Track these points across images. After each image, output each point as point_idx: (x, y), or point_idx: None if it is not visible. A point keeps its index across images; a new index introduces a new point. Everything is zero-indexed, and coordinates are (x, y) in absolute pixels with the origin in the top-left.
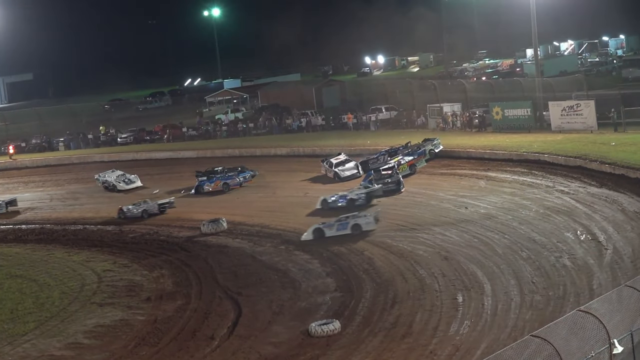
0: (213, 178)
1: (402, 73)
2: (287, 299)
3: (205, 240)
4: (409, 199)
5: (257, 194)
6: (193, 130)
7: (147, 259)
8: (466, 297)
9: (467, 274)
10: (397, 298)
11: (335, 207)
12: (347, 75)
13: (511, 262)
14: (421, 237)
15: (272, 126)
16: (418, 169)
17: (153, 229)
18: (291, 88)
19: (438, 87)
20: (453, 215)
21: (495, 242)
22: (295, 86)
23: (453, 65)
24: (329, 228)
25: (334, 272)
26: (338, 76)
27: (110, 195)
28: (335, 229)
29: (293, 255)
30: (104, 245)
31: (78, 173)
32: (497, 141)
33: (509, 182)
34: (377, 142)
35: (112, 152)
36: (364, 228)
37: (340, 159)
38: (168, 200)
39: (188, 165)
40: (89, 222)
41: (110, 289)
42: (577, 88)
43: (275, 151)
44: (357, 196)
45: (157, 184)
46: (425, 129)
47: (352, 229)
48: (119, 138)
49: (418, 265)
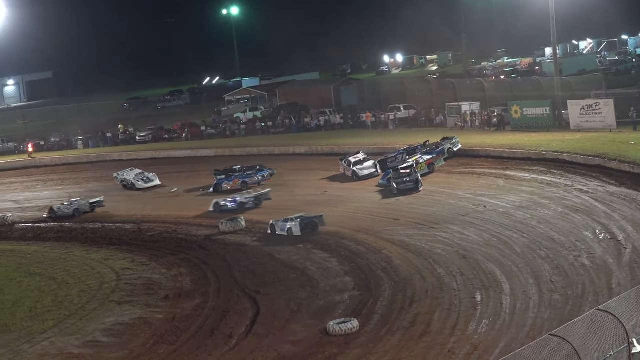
0: (232, 177)
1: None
2: (305, 297)
3: (223, 238)
4: (428, 198)
5: (276, 192)
6: (212, 129)
7: (165, 257)
8: (485, 296)
9: (485, 273)
10: (415, 297)
11: (226, 209)
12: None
13: (530, 261)
14: (439, 235)
15: (291, 125)
16: (436, 167)
17: (171, 227)
18: (309, 87)
19: (457, 86)
20: (472, 214)
21: (514, 241)
22: (313, 85)
23: (472, 64)
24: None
25: (352, 270)
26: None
27: (129, 193)
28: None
29: (311, 254)
30: (123, 244)
31: (97, 171)
32: (515, 140)
33: (527, 181)
34: (395, 141)
35: (131, 150)
36: (294, 233)
37: (359, 157)
38: (98, 200)
39: (206, 164)
40: (107, 220)
41: (129, 287)
42: (596, 87)
43: (294, 150)
44: (247, 199)
45: (175, 183)
46: (443, 128)
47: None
48: (138, 136)
49: (436, 264)
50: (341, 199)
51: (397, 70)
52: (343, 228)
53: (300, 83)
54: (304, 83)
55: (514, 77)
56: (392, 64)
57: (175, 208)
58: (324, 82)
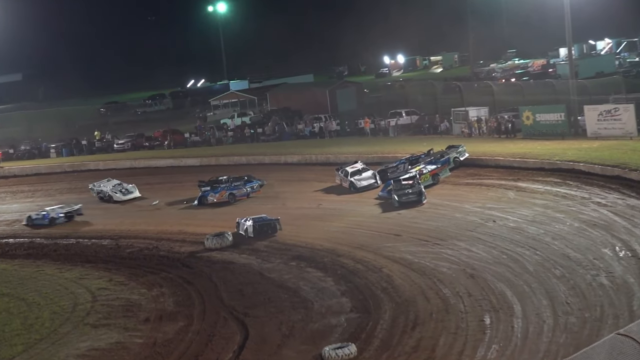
0: (218, 188)
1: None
2: (298, 320)
3: (209, 255)
4: (432, 212)
5: (266, 205)
6: (196, 136)
7: (145, 276)
8: (494, 318)
9: (495, 294)
10: (418, 319)
11: (39, 224)
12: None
13: (543, 281)
14: (445, 252)
15: (282, 131)
16: (441, 178)
17: (152, 244)
18: (303, 90)
19: (463, 90)
20: (480, 229)
21: (526, 258)
22: (307, 88)
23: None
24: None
25: (349, 290)
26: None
27: (106, 206)
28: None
29: (305, 273)
30: (99, 261)
31: (71, 182)
32: (527, 148)
33: (540, 193)
34: (396, 150)
35: (108, 159)
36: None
37: (357, 167)
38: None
39: (190, 174)
40: (82, 235)
41: (106, 309)
42: (615, 91)
43: (286, 159)
44: (58, 215)
45: (156, 194)
46: (449, 135)
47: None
48: (116, 144)
49: (441, 283)
50: (337, 213)
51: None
52: (339, 244)
53: (293, 86)
54: (297, 86)
55: (526, 79)
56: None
57: (157, 222)
58: (319, 86)
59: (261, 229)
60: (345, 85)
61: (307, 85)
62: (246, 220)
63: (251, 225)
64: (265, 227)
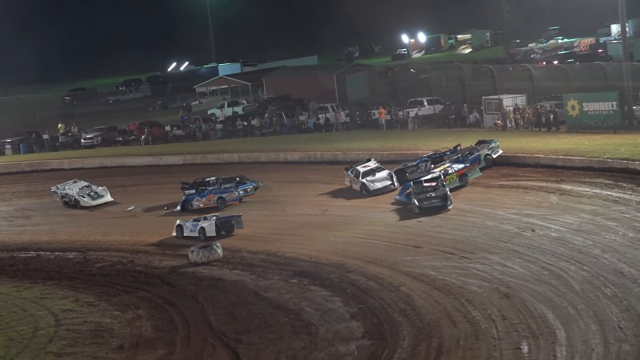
0: (204, 191)
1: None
2: (300, 348)
3: (194, 271)
4: (459, 219)
5: (262, 211)
6: (179, 129)
7: (119, 295)
8: (533, 346)
9: (534, 317)
10: (443, 347)
11: None
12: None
13: (592, 302)
14: (474, 268)
15: (282, 124)
16: (470, 180)
17: (127, 257)
18: (306, 75)
19: (496, 74)
20: (516, 240)
21: (571, 275)
22: (310, 72)
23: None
24: (186, 227)
25: (361, 313)
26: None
27: (72, 212)
28: (189, 230)
29: (308, 292)
30: (63, 278)
31: (30, 184)
32: (572, 144)
33: (588, 197)
34: (417, 145)
35: (74, 157)
36: (207, 234)
37: (370, 166)
38: None
39: (172, 175)
40: (44, 247)
41: (72, 335)
42: None
43: (285, 156)
44: None
45: (131, 199)
46: (479, 128)
47: (199, 232)
48: (83, 139)
49: (470, 304)
50: (347, 221)
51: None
52: (349, 258)
53: (294, 70)
54: (299, 70)
55: (571, 62)
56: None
57: (132, 232)
58: (324, 69)
59: (223, 227)
60: (356, 69)
61: (311, 68)
62: (197, 221)
63: (212, 224)
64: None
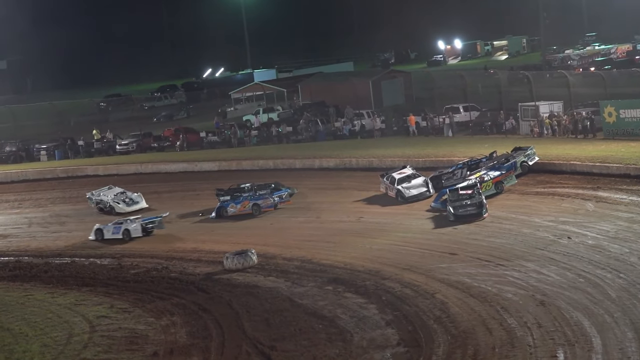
0: (239, 198)
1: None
2: (335, 355)
3: (229, 278)
4: (495, 226)
5: (297, 218)
6: (214, 136)
7: (153, 302)
8: (569, 354)
9: (570, 325)
10: (478, 355)
11: None
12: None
13: (628, 310)
14: (510, 275)
15: (317, 130)
16: (506, 187)
17: (162, 263)
18: (341, 81)
19: (533, 81)
20: (552, 248)
21: (608, 282)
22: (346, 79)
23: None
24: (107, 230)
25: (396, 320)
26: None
27: (107, 219)
28: (111, 232)
29: (343, 299)
30: (98, 284)
31: (65, 190)
32: (610, 151)
33: (625, 205)
34: (452, 152)
35: (109, 163)
36: (132, 234)
37: (405, 173)
38: None
39: (207, 181)
40: (78, 254)
41: (106, 341)
42: None
43: (321, 163)
44: None
45: (166, 205)
46: (515, 135)
47: (123, 234)
48: (118, 145)
49: (506, 312)
50: (382, 227)
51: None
52: (384, 265)
53: (329, 76)
54: (334, 76)
55: (608, 68)
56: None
57: (167, 238)
58: (360, 75)
59: (147, 226)
60: (392, 75)
61: (346, 75)
62: (120, 223)
63: (138, 225)
64: (151, 225)
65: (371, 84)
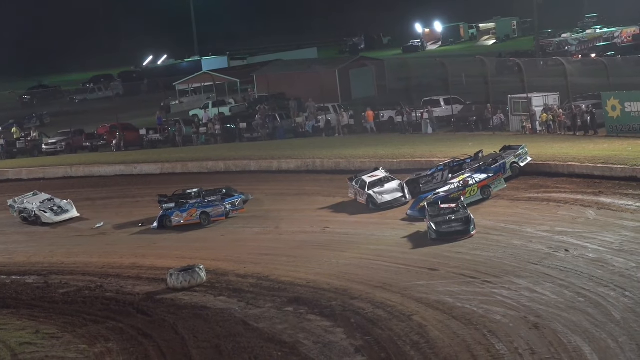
0: (185, 205)
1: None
2: None
3: (173, 298)
4: (481, 238)
5: (252, 228)
6: (156, 133)
7: (85, 326)
8: None
9: (567, 351)
10: None
11: None
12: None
13: (635, 333)
14: (499, 294)
15: (275, 127)
16: (494, 192)
17: (95, 282)
18: (304, 70)
19: (525, 69)
20: (547, 262)
21: (611, 302)
22: (309, 67)
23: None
24: None
25: (367, 346)
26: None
27: (32, 230)
28: None
29: (305, 322)
30: (21, 306)
31: None
32: (613, 150)
33: (631, 212)
34: (432, 152)
35: (34, 165)
36: None
37: (378, 176)
38: None
39: (148, 186)
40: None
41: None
42: None
43: (279, 165)
44: None
45: (101, 214)
46: (505, 132)
47: None
48: (45, 144)
49: (494, 336)
50: (350, 239)
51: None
52: (353, 282)
53: (290, 64)
54: (295, 64)
55: (611, 55)
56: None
57: (101, 252)
58: (325, 63)
59: None
60: (362, 63)
61: (309, 62)
62: None
63: None
64: None
65: (338, 74)
